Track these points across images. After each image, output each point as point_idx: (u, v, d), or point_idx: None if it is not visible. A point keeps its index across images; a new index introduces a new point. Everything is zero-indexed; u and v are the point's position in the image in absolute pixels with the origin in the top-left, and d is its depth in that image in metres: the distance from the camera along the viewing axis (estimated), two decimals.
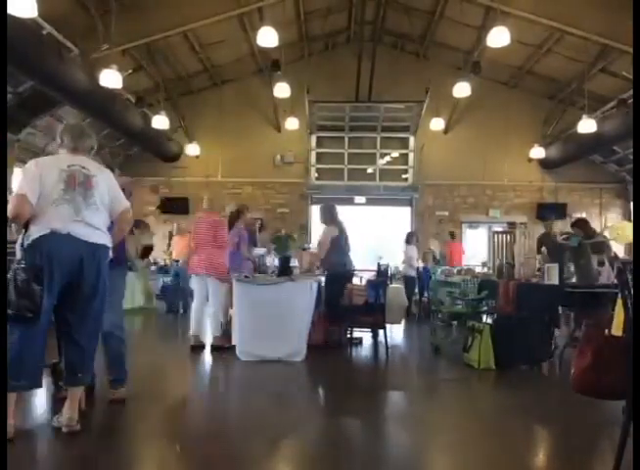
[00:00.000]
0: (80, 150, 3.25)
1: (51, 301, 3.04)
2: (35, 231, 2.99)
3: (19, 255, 3.02)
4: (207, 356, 5.90)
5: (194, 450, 3.16)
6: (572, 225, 6.81)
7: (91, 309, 3.17)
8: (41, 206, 3.02)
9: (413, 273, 10.02)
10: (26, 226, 3.03)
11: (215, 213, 6.51)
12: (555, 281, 5.58)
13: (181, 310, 10.02)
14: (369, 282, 7.08)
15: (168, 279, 11.01)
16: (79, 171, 3.13)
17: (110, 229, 3.31)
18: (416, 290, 10.01)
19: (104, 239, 3.21)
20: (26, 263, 2.95)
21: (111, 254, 3.29)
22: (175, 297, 10.26)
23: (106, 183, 3.25)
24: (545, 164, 14.03)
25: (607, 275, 6.51)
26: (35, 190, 2.99)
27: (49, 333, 3.15)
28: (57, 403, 3.41)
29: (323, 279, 6.40)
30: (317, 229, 11.76)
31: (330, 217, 6.60)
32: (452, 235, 12.25)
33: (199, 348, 6.10)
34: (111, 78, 8.64)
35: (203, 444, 3.24)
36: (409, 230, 11.75)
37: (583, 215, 11.15)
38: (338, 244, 6.49)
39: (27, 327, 2.91)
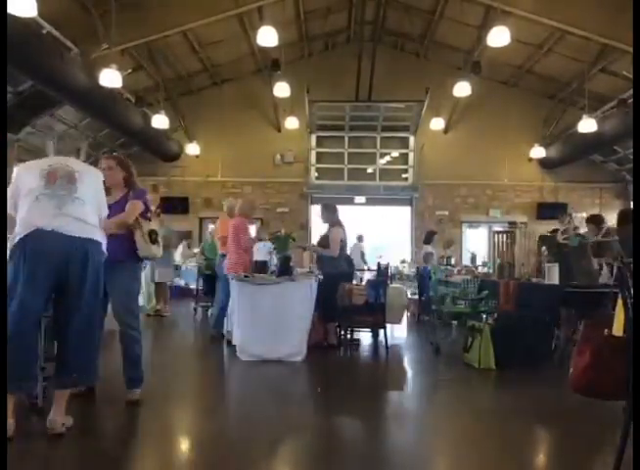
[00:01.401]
0: (63, 151, 3.29)
1: (38, 300, 2.97)
2: (20, 231, 2.99)
3: (9, 255, 3.01)
4: (207, 357, 5.88)
5: (193, 450, 3.16)
6: (587, 221, 6.84)
7: (80, 306, 3.05)
8: (24, 204, 3.03)
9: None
10: None
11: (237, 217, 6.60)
12: (555, 281, 5.57)
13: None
14: (369, 282, 7.06)
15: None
16: (61, 168, 3.12)
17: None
18: (416, 290, 9.97)
19: (94, 233, 3.13)
20: (12, 263, 2.95)
21: (105, 250, 3.21)
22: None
23: (93, 181, 3.23)
24: (545, 163, 14.03)
25: (607, 276, 6.50)
26: (11, 198, 3.08)
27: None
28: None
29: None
30: (317, 229, 11.80)
31: (335, 219, 6.60)
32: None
33: None
34: (110, 78, 8.64)
35: (202, 443, 3.24)
36: (429, 230, 11.46)
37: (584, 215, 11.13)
38: (343, 246, 6.54)
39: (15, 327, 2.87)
